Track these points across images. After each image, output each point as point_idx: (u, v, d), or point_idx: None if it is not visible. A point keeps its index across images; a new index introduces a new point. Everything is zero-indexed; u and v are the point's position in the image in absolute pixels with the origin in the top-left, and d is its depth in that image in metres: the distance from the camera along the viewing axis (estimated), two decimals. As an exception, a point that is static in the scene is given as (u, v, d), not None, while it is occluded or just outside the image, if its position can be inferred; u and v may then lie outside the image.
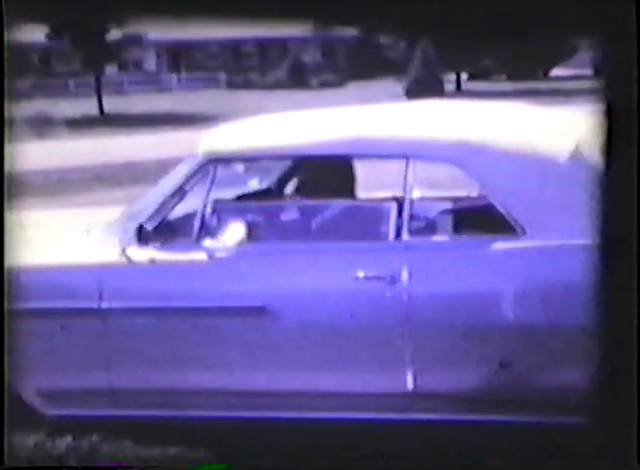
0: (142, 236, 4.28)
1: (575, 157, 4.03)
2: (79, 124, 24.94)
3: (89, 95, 33.58)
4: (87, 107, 30.64)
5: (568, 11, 4.00)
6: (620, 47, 3.81)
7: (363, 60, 45.55)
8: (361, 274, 4.02)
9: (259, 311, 4.11)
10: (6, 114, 3.85)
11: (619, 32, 3.81)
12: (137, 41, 35.92)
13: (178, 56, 48.93)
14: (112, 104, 31.80)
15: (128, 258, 4.27)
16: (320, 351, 4.15)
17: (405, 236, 4.10)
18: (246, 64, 48.63)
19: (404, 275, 4.00)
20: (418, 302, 4.03)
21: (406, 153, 4.15)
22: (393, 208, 4.18)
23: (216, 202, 4.40)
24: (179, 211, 4.39)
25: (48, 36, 33.73)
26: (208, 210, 4.33)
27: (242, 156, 4.52)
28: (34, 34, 32.56)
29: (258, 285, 4.18)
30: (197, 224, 4.30)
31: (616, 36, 3.81)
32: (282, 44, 47.81)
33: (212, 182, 4.32)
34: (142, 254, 4.26)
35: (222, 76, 45.43)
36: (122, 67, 42.66)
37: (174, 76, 46.42)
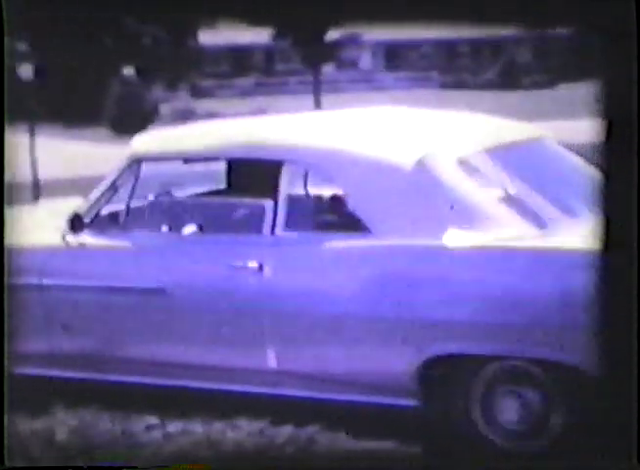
0: (75, 225, 4.99)
1: (421, 165, 4.39)
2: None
3: (307, 92, 34.26)
4: (304, 104, 31.28)
5: (567, 10, 3.94)
6: (620, 47, 3.71)
7: (573, 60, 44.53)
8: (236, 264, 4.63)
9: (159, 292, 4.78)
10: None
11: (619, 32, 3.70)
12: (354, 41, 36.39)
13: (393, 55, 49.17)
14: (328, 101, 32.34)
15: (66, 243, 5.02)
16: (203, 328, 4.75)
17: (279, 231, 4.63)
18: (459, 64, 48.39)
19: (267, 266, 4.57)
20: (276, 290, 4.56)
21: (282, 158, 4.70)
22: (269, 206, 4.69)
23: (145, 198, 5.16)
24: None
25: (272, 37, 34.66)
26: (136, 204, 5.06)
27: (159, 157, 5.17)
28: (259, 35, 33.53)
29: (160, 269, 4.86)
30: (122, 216, 5.07)
31: (615, 36, 3.71)
32: (495, 44, 47.31)
33: (137, 179, 5.02)
34: (76, 240, 5.01)
35: (435, 76, 45.38)
36: (339, 65, 43.26)
37: (389, 75, 46.70)
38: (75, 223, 5.04)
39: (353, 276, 4.47)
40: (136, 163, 5.07)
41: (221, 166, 5.75)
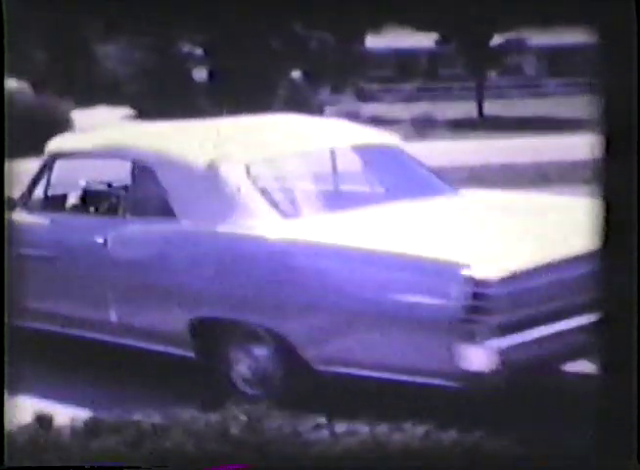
0: (14, 206, 6.06)
1: (212, 167, 5.39)
2: (459, 126, 25.39)
3: (470, 98, 34.03)
4: (467, 109, 31.09)
5: (567, 10, 3.84)
6: (620, 47, 3.57)
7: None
8: (100, 240, 5.76)
9: (52, 259, 6.01)
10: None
11: (619, 32, 3.55)
12: (518, 46, 35.93)
13: (557, 61, 48.29)
14: (491, 107, 32.05)
15: (15, 220, 6.03)
16: (85, 287, 5.95)
17: (128, 216, 5.77)
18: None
19: (110, 242, 5.69)
20: (115, 261, 5.71)
21: (129, 159, 5.83)
22: (122, 196, 5.87)
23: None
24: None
25: (437, 42, 34.57)
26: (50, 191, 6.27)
27: (70, 155, 6.32)
28: (424, 40, 33.47)
29: (53, 242, 6.09)
30: (41, 201, 6.31)
31: (615, 36, 3.57)
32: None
33: (51, 171, 6.24)
34: (18, 217, 6.12)
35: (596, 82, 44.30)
36: (503, 71, 42.77)
37: (552, 81, 45.89)
38: (15, 205, 6.23)
39: (164, 253, 5.52)
40: (51, 159, 6.34)
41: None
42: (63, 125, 22.77)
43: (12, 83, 25.48)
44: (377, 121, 24.34)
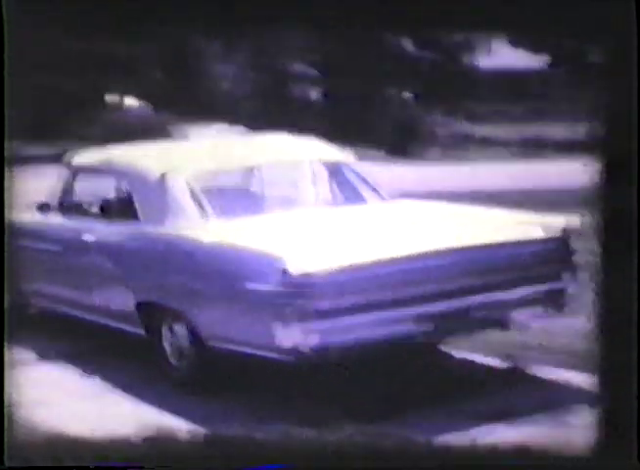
0: (44, 209, 7.79)
1: (162, 179, 6.65)
2: (567, 147, 25.22)
3: (580, 120, 33.69)
4: (576, 130, 30.80)
5: (569, 13, 3.83)
6: (621, 48, 3.56)
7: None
8: (86, 238, 7.49)
9: (59, 253, 7.56)
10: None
11: (620, 33, 3.56)
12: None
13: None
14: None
15: (39, 220, 7.86)
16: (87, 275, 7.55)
17: (110, 217, 7.20)
18: None
19: (93, 237, 7.18)
20: (98, 251, 7.15)
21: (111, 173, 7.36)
22: (104, 202, 7.43)
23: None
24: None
25: (548, 64, 34.36)
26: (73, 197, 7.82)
27: (84, 168, 7.66)
28: (534, 61, 33.31)
29: (66, 237, 7.61)
30: (65, 205, 7.81)
31: (616, 37, 3.58)
32: None
33: (73, 183, 7.66)
34: (40, 217, 7.75)
35: None
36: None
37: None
38: (44, 208, 7.93)
39: (126, 248, 6.79)
40: (73, 172, 7.86)
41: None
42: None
43: (132, 101, 26.47)
44: (487, 142, 24.40)
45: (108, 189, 7.32)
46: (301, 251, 5.42)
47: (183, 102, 31.98)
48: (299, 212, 6.63)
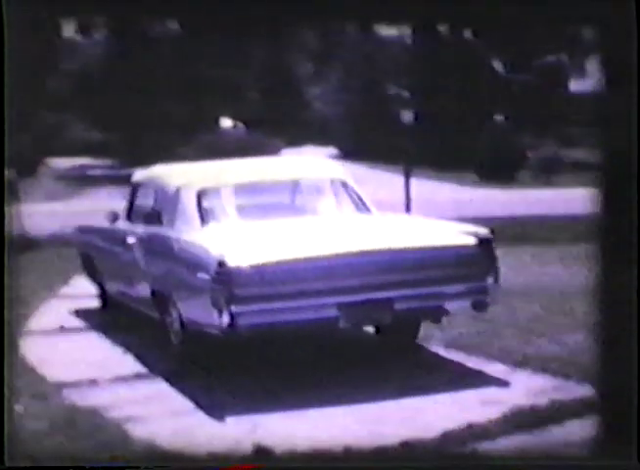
0: (113, 218, 8.78)
1: (178, 189, 7.70)
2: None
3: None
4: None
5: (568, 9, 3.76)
6: (621, 47, 3.49)
7: None
8: (131, 240, 8.25)
9: (120, 253, 8.49)
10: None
11: (620, 30, 3.47)
12: None
13: None
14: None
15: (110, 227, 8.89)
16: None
17: (137, 222, 8.28)
18: None
19: (129, 239, 8.14)
20: (132, 252, 8.07)
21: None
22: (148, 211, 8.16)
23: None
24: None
25: None
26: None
27: (140, 185, 8.57)
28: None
29: (117, 238, 8.63)
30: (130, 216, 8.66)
31: (616, 35, 3.50)
32: None
33: (135, 194, 8.55)
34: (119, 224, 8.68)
35: None
36: None
37: None
38: (113, 217, 8.70)
39: (148, 247, 7.75)
40: (133, 188, 8.59)
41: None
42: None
43: (227, 122, 26.55)
44: (577, 165, 24.19)
45: (151, 200, 8.20)
46: (246, 249, 6.48)
47: (277, 123, 32.40)
48: (294, 220, 7.57)
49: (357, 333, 7.57)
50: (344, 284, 6.46)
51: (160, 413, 5.81)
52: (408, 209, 11.44)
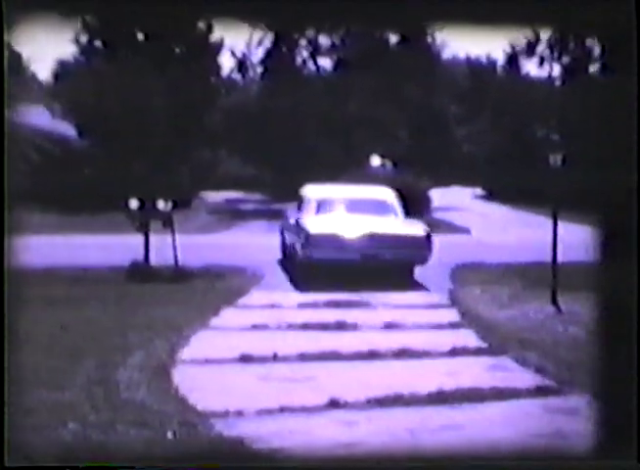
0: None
1: (308, 199, 15.52)
2: None
3: None
4: None
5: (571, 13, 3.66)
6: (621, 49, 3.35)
7: None
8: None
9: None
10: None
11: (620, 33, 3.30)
12: None
13: None
14: None
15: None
16: None
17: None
18: None
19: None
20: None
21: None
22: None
23: None
24: None
25: None
26: None
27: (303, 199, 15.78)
28: None
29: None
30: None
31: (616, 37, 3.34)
32: None
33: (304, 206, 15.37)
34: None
35: None
36: None
37: None
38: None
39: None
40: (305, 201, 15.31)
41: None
42: (421, 202, 23.82)
43: (376, 160, 26.69)
44: None
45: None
46: (322, 226, 13.82)
47: (425, 162, 32.43)
48: (357, 216, 14.43)
49: (370, 269, 13.70)
50: (362, 245, 13.52)
51: (304, 446, 5.83)
52: (555, 250, 11.26)
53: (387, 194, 15.17)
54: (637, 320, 4.30)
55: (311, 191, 15.10)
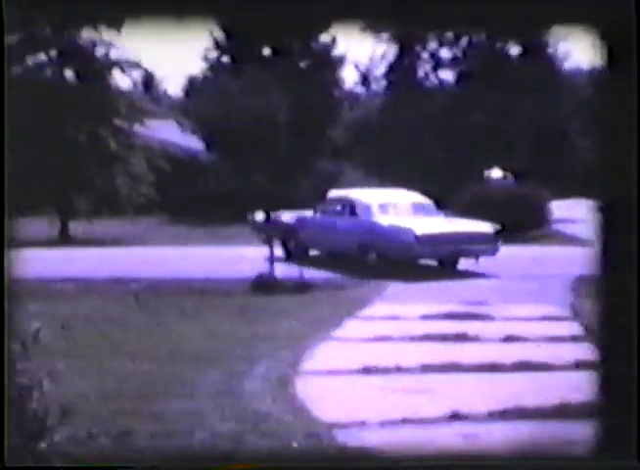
0: None
1: (368, 203, 16.97)
2: None
3: None
4: None
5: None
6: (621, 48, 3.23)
7: None
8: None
9: None
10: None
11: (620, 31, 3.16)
12: None
13: None
14: None
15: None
16: None
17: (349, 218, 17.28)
18: None
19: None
20: None
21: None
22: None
23: None
24: None
25: None
26: None
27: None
28: None
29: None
30: None
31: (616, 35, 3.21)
32: None
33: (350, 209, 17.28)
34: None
35: None
36: None
37: None
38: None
39: (347, 226, 17.19)
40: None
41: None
42: (541, 213, 23.44)
43: (497, 172, 26.23)
44: None
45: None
46: (418, 228, 15.40)
47: (546, 175, 31.94)
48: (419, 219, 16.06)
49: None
50: (444, 240, 15.47)
51: (426, 457, 5.83)
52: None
53: (421, 198, 17.14)
54: (637, 321, 4.24)
55: (360, 195, 16.95)
